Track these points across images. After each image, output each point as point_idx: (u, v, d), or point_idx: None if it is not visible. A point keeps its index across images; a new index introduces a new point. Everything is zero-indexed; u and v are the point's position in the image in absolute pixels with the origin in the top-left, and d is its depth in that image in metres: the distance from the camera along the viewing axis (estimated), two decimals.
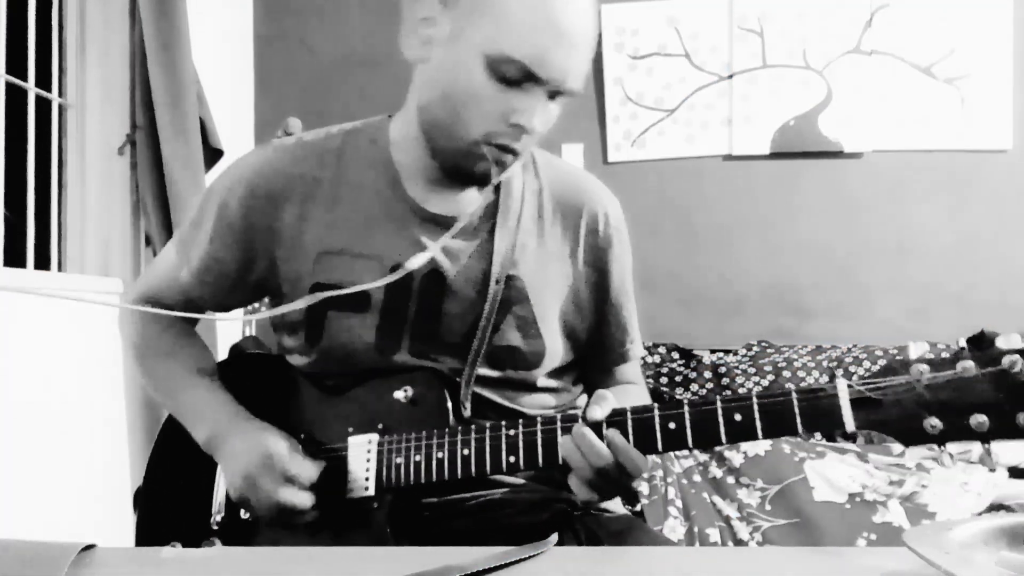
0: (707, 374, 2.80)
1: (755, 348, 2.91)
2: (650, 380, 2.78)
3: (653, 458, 2.20)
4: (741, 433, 0.81)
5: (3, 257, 2.06)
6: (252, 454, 0.96)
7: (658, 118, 3.07)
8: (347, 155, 1.06)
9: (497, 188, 1.05)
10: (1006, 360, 0.71)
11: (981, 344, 2.58)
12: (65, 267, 2.38)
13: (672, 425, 0.83)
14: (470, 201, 1.05)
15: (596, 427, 0.85)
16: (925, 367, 0.74)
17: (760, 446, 2.22)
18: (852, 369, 2.73)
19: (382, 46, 3.20)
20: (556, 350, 1.06)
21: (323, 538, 0.97)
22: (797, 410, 0.79)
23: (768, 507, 2.10)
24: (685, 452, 2.28)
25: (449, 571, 0.63)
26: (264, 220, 1.04)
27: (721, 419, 0.81)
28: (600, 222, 1.08)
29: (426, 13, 0.94)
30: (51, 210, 2.34)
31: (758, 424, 0.80)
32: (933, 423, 0.73)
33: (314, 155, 1.06)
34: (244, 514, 1.02)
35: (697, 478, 2.23)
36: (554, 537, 0.74)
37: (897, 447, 2.21)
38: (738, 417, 0.81)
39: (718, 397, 0.83)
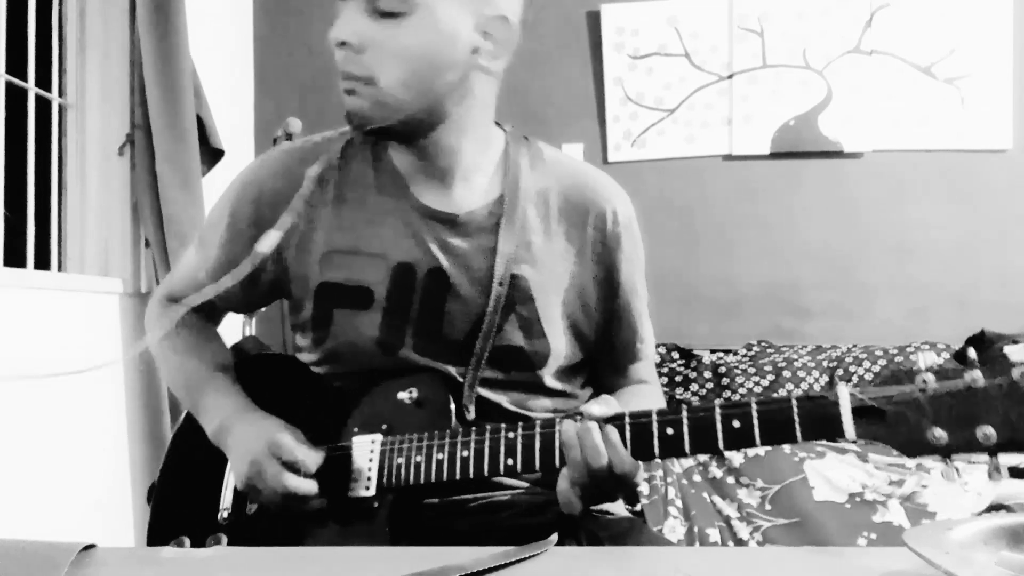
0: (707, 374, 2.80)
1: (755, 348, 2.91)
2: None
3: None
4: (739, 440, 0.80)
5: (3, 257, 2.06)
6: (258, 441, 0.97)
7: (658, 118, 3.07)
8: (351, 155, 1.07)
9: (504, 185, 1.05)
10: (1016, 371, 0.69)
11: (982, 344, 2.58)
12: (65, 267, 2.38)
13: (670, 431, 0.82)
14: (473, 198, 1.04)
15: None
16: (931, 376, 0.72)
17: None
18: (852, 369, 2.73)
19: None
20: (561, 350, 1.05)
21: (323, 536, 0.97)
22: (797, 418, 0.77)
23: (768, 507, 2.10)
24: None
25: (449, 571, 0.63)
26: (273, 222, 1.05)
27: (719, 425, 0.80)
28: (608, 220, 1.06)
29: None
30: (51, 210, 2.34)
31: (756, 431, 0.79)
32: (937, 434, 0.71)
33: (320, 156, 1.06)
34: (250, 508, 1.03)
35: (697, 478, 2.23)
36: (554, 537, 0.74)
37: None
38: (736, 424, 0.80)
39: (717, 403, 0.82)
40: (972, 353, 0.72)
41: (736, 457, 2.22)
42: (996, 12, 2.93)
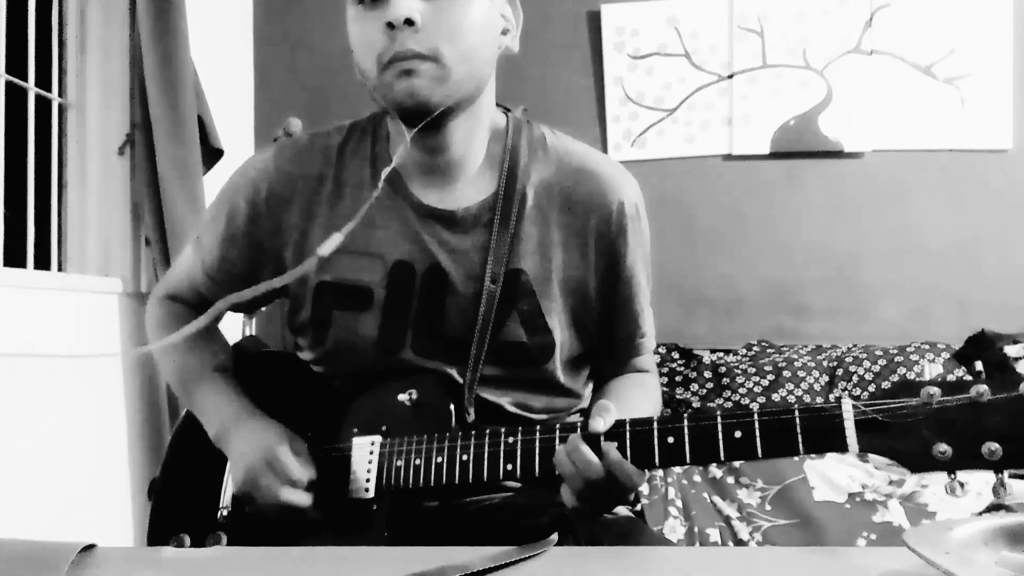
0: (707, 374, 2.80)
1: (755, 348, 2.91)
2: None
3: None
4: (740, 451, 0.79)
5: (3, 257, 2.06)
6: (256, 452, 0.97)
7: (658, 118, 3.07)
8: (349, 152, 1.06)
9: (500, 179, 1.03)
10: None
11: (982, 344, 2.56)
12: (65, 267, 2.38)
13: (671, 440, 0.82)
14: (471, 194, 1.03)
15: (595, 438, 0.84)
16: (936, 390, 0.70)
17: None
18: (852, 369, 2.73)
19: None
20: (564, 342, 1.04)
21: (323, 538, 0.97)
22: (799, 430, 0.76)
23: (768, 507, 2.10)
24: None
25: (449, 571, 0.63)
26: (270, 221, 1.05)
27: (720, 436, 0.80)
28: (613, 210, 1.04)
29: None
30: (51, 210, 2.34)
31: (758, 443, 0.78)
32: (942, 449, 0.69)
33: (317, 153, 1.06)
34: (249, 508, 1.02)
35: (697, 478, 2.23)
36: (554, 537, 0.74)
37: None
38: (738, 434, 0.79)
39: (719, 413, 0.81)
40: (979, 365, 0.71)
41: None
42: (996, 12, 2.93)
